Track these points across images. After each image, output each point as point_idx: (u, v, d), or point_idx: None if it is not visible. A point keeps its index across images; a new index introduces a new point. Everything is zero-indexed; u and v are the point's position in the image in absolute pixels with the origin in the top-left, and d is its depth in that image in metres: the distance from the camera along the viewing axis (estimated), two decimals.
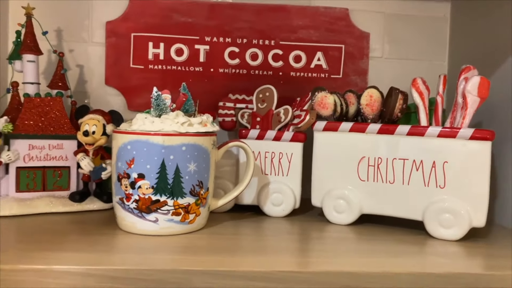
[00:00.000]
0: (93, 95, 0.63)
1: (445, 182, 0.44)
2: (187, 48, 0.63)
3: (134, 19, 0.62)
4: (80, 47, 0.62)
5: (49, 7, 0.60)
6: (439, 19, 0.66)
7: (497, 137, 0.53)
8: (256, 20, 0.63)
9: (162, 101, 0.42)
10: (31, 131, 0.49)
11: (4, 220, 0.45)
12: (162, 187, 0.40)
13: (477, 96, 0.45)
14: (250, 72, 0.64)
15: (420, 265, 0.36)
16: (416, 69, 0.65)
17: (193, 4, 0.63)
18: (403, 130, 0.46)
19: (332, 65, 0.64)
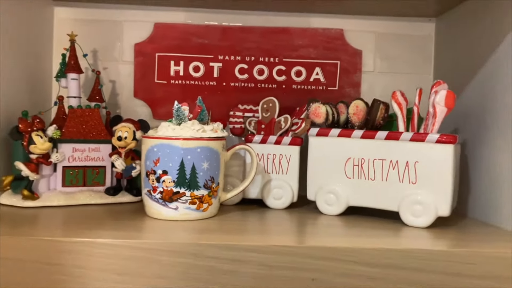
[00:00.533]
0: (123, 106, 0.73)
1: (416, 178, 0.53)
2: (203, 65, 0.73)
3: (158, 41, 0.72)
4: (113, 65, 0.73)
5: (87, 31, 0.71)
6: (424, 37, 0.74)
7: (471, 140, 0.61)
8: (262, 40, 0.73)
9: (182, 112, 0.52)
10: (75, 136, 0.60)
11: (53, 209, 0.56)
12: (181, 181, 0.50)
13: (444, 107, 0.53)
14: (257, 85, 0.74)
15: (391, 243, 0.44)
16: (404, 81, 0.74)
17: (208, 28, 0.73)
18: (382, 135, 0.54)
19: (329, 79, 0.73)
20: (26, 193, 0.56)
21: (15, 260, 0.42)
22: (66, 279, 0.42)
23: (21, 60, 0.63)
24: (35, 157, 0.56)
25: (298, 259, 0.42)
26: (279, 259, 0.42)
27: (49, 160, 0.57)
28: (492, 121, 0.57)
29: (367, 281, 0.42)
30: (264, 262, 0.42)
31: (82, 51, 0.64)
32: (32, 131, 0.55)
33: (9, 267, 0.42)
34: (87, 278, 0.42)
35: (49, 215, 0.53)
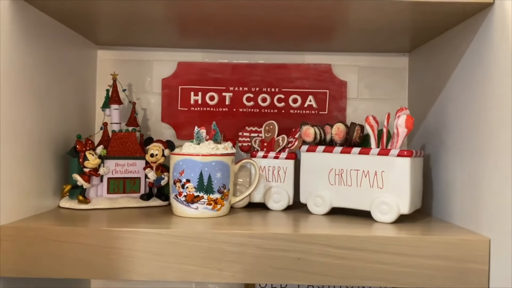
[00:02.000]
0: (153, 129, 0.90)
1: (383, 184, 0.67)
2: (217, 95, 0.89)
3: (181, 76, 0.89)
4: (144, 96, 0.90)
5: (124, 69, 0.89)
6: (399, 69, 0.90)
7: (433, 154, 0.76)
8: (265, 74, 0.89)
9: (200, 135, 0.68)
10: (117, 154, 0.76)
11: (100, 211, 0.72)
12: (200, 187, 0.66)
13: (404, 128, 0.68)
14: (261, 111, 0.89)
15: (361, 232, 0.59)
16: (383, 106, 0.89)
17: (221, 65, 0.90)
18: (356, 151, 0.69)
19: (320, 105, 0.89)
20: (81, 198, 0.72)
21: (79, 244, 0.58)
22: (118, 258, 0.58)
23: (72, 93, 0.79)
24: (87, 170, 0.73)
25: (287, 243, 0.57)
26: (273, 243, 0.57)
27: (98, 173, 0.74)
28: (447, 138, 0.71)
29: (337, 259, 0.57)
30: (262, 245, 0.57)
31: (121, 87, 0.81)
32: (86, 150, 0.72)
33: (74, 249, 0.57)
34: (133, 257, 0.58)
35: (98, 215, 0.69)
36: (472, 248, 0.56)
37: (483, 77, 0.60)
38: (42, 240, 0.57)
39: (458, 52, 0.68)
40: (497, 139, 0.56)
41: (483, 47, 0.60)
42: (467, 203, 0.63)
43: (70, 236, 0.58)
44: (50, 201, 0.72)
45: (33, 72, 0.64)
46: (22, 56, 0.61)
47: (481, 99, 0.60)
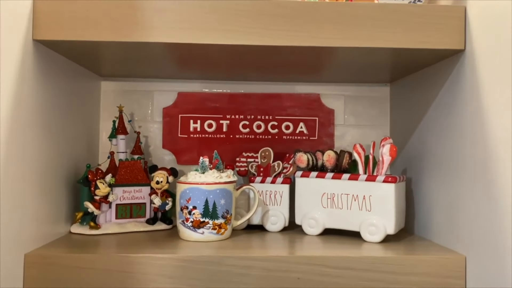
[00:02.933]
0: (154, 155, 0.96)
1: (371, 207, 0.75)
2: (215, 122, 0.96)
3: (181, 105, 0.95)
4: (146, 124, 0.96)
5: (127, 99, 0.95)
6: (382, 98, 0.98)
7: (414, 178, 0.84)
8: (260, 103, 0.96)
9: (205, 164, 0.75)
10: (124, 182, 0.82)
11: (110, 236, 0.77)
12: (206, 213, 0.72)
13: (389, 156, 0.76)
14: (256, 137, 0.96)
15: (350, 253, 0.66)
16: (367, 131, 0.97)
17: (219, 95, 0.96)
18: (346, 177, 0.77)
19: (310, 131, 0.96)
20: (92, 224, 0.77)
21: (98, 270, 0.63)
22: (134, 282, 0.63)
23: (78, 123, 0.84)
24: (98, 198, 0.78)
25: (288, 265, 0.64)
26: (275, 264, 0.64)
27: (107, 200, 0.79)
28: (427, 164, 0.79)
29: (333, 278, 0.64)
30: (265, 267, 0.64)
31: (127, 117, 0.86)
32: (97, 180, 0.77)
33: (94, 275, 0.63)
34: (146, 280, 0.63)
35: (110, 240, 0.74)
36: (450, 265, 0.64)
37: (457, 112, 0.68)
38: (64, 267, 0.62)
39: (435, 88, 0.76)
40: (471, 166, 0.64)
41: (456, 86, 0.69)
42: (445, 223, 0.71)
43: (89, 262, 0.63)
44: (63, 227, 0.76)
45: (44, 105, 0.68)
46: (36, 91, 0.65)
47: (456, 130, 0.69)
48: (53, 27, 0.63)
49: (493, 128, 0.59)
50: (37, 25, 0.63)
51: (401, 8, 0.65)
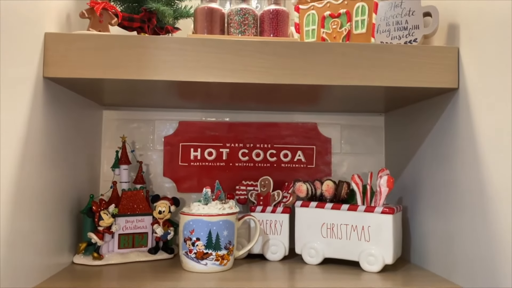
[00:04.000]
0: (155, 183, 0.97)
1: (369, 238, 0.77)
2: (215, 151, 0.98)
3: (182, 134, 0.97)
4: (147, 153, 0.97)
5: (128, 128, 0.96)
6: (377, 127, 1.01)
7: (409, 206, 0.86)
8: (258, 132, 0.99)
9: (208, 196, 0.76)
10: (127, 212, 0.83)
11: (113, 267, 0.78)
12: (209, 245, 0.73)
13: (386, 187, 0.78)
14: (255, 165, 0.98)
15: (353, 284, 0.68)
16: (363, 159, 1.00)
17: (219, 124, 0.98)
18: (345, 207, 0.79)
19: (308, 159, 0.99)
20: (96, 255, 0.78)
21: None
22: None
23: (80, 152, 0.85)
24: (102, 229, 0.79)
25: None
26: None
27: (111, 230, 0.80)
28: (422, 193, 0.82)
29: None
30: None
31: (130, 148, 0.88)
32: (101, 210, 0.78)
33: None
34: None
35: (114, 271, 0.75)
36: None
37: (452, 145, 0.71)
38: None
39: (429, 121, 0.79)
40: (467, 197, 0.67)
41: (450, 121, 0.72)
42: (442, 253, 0.74)
43: None
44: (66, 258, 0.77)
45: (49, 136, 0.69)
46: (43, 124, 0.67)
47: (451, 162, 0.72)
48: (62, 65, 0.65)
49: (487, 162, 0.62)
50: (47, 63, 0.64)
51: (397, 48, 0.68)
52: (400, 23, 0.73)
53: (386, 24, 0.74)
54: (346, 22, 0.82)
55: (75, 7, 0.79)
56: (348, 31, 0.82)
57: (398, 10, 0.73)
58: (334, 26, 0.83)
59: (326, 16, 0.84)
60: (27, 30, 0.60)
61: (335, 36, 0.83)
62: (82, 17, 0.73)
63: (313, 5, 0.86)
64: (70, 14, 0.77)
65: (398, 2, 0.73)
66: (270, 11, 0.76)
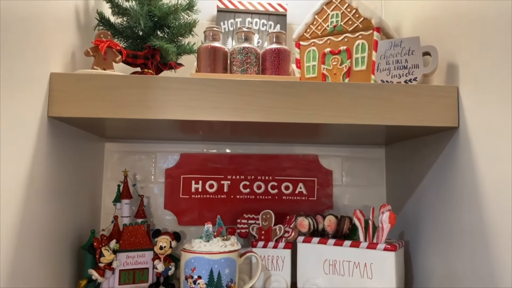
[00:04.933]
0: (155, 216, 0.97)
1: (372, 274, 0.76)
2: (216, 183, 0.98)
3: (183, 167, 0.98)
4: (149, 185, 0.97)
5: (129, 160, 0.96)
6: (377, 159, 1.02)
7: (412, 239, 0.86)
8: (259, 164, 0.99)
9: (210, 233, 0.76)
10: (128, 247, 0.82)
11: None
12: (211, 283, 0.73)
13: (388, 223, 0.78)
14: (257, 197, 0.98)
15: None
16: (364, 192, 1.00)
17: (220, 156, 0.99)
18: (347, 244, 0.79)
19: (309, 192, 0.99)
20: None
21: None
22: None
23: (81, 185, 0.85)
24: (102, 265, 0.78)
25: None
26: None
27: (111, 266, 0.79)
28: (424, 228, 0.82)
29: None
30: None
31: (132, 181, 0.88)
32: (102, 247, 0.78)
33: None
34: None
35: None
36: None
37: (453, 182, 0.72)
38: None
39: (430, 157, 0.80)
40: (469, 236, 0.67)
41: (451, 158, 0.73)
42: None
43: None
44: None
45: (52, 172, 0.69)
46: (46, 160, 0.67)
47: (452, 200, 0.72)
48: (67, 105, 0.65)
49: (487, 202, 0.62)
50: (52, 103, 0.65)
51: (397, 88, 0.69)
52: (400, 62, 0.74)
53: (386, 63, 0.75)
54: (347, 59, 0.84)
55: (80, 44, 0.80)
56: (349, 67, 0.83)
57: (398, 49, 0.75)
58: (334, 63, 0.85)
59: (327, 53, 0.86)
60: (33, 70, 0.61)
61: (336, 73, 0.85)
62: (87, 55, 0.74)
63: (313, 42, 0.88)
64: (75, 52, 0.78)
65: (398, 42, 0.75)
66: (272, 50, 0.78)
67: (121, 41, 0.83)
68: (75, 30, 0.78)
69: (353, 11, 0.83)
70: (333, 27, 0.85)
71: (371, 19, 0.81)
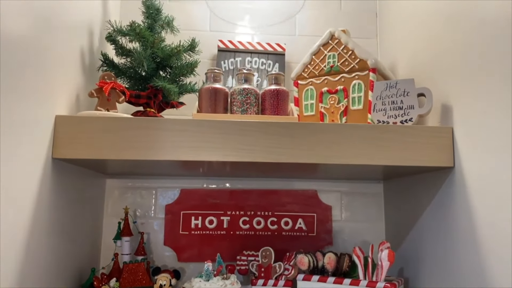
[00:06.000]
0: (155, 252, 0.97)
1: None
2: (216, 219, 0.98)
3: (183, 202, 0.98)
4: (149, 221, 0.98)
5: (130, 195, 0.97)
6: (376, 194, 1.03)
7: (411, 276, 0.86)
8: (259, 199, 1.00)
9: (210, 272, 0.76)
10: (128, 285, 0.82)
11: None
12: None
13: (387, 261, 0.78)
14: (256, 233, 0.99)
15: None
16: (363, 227, 1.00)
17: (220, 191, 1.00)
18: (347, 282, 0.79)
19: (309, 227, 0.99)
20: None
21: None
22: None
23: (81, 222, 0.85)
24: None
25: None
26: None
27: None
28: (423, 266, 0.82)
29: None
30: None
31: (132, 219, 0.88)
32: (102, 286, 0.78)
33: None
34: None
35: None
36: None
37: (450, 219, 0.73)
38: None
39: (427, 194, 0.81)
40: (465, 274, 0.67)
41: (448, 197, 0.74)
42: None
43: None
44: None
45: (54, 210, 0.70)
46: (49, 200, 0.68)
47: (449, 237, 0.72)
48: (71, 147, 0.67)
49: (484, 242, 0.63)
50: (56, 145, 0.67)
51: (393, 128, 0.71)
52: (395, 103, 0.77)
53: (382, 103, 0.78)
54: (344, 98, 0.86)
55: (84, 83, 0.82)
56: (346, 106, 0.85)
57: (393, 90, 0.77)
58: (332, 102, 0.87)
59: (324, 92, 0.88)
60: (39, 112, 0.63)
61: (333, 111, 0.87)
62: (91, 96, 0.76)
63: (311, 81, 0.90)
64: (80, 92, 0.80)
65: (393, 83, 0.77)
66: (271, 91, 0.80)
67: (124, 81, 0.85)
68: (80, 71, 0.80)
69: (349, 52, 0.86)
70: (330, 67, 0.88)
71: (367, 61, 0.84)
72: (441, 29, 0.78)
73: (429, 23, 0.83)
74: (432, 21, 0.82)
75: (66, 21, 0.73)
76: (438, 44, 0.78)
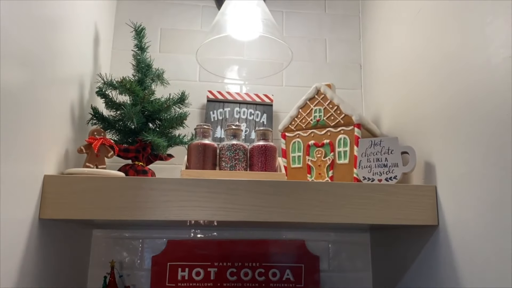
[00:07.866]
0: None
1: None
2: (203, 270, 0.97)
3: (170, 254, 0.97)
4: (134, 272, 0.96)
5: (116, 246, 0.96)
6: (363, 244, 1.03)
7: None
8: (247, 250, 1.00)
9: None
10: None
11: None
12: None
13: None
14: (244, 285, 0.98)
15: None
16: (351, 277, 1.00)
17: (207, 242, 0.99)
18: None
19: (296, 278, 0.99)
20: None
21: None
22: None
23: (66, 273, 0.82)
24: None
25: None
26: None
27: None
28: None
29: None
30: None
31: (118, 272, 0.87)
32: None
33: None
34: None
35: None
36: None
37: (435, 279, 0.73)
38: None
39: (413, 249, 0.82)
40: None
41: (432, 254, 0.75)
42: None
43: None
44: None
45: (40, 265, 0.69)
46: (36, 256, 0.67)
47: None
48: (59, 207, 0.66)
49: None
50: (44, 205, 0.66)
51: (378, 187, 0.73)
52: (380, 160, 0.79)
53: (367, 160, 0.80)
54: (330, 152, 0.88)
55: (73, 136, 0.82)
56: (332, 160, 0.87)
57: (378, 148, 0.79)
58: (318, 155, 0.89)
59: (311, 145, 0.90)
60: (27, 172, 0.63)
61: (320, 164, 0.88)
62: (80, 153, 0.76)
63: (298, 134, 0.92)
64: (69, 146, 0.81)
65: (378, 141, 0.79)
66: (259, 147, 0.82)
67: (114, 134, 0.86)
68: (69, 125, 0.80)
69: (334, 108, 0.89)
70: (316, 121, 0.90)
71: (352, 116, 0.86)
72: (423, 79, 0.80)
73: (411, 77, 0.86)
74: (413, 75, 0.85)
75: (58, 72, 0.73)
76: (419, 101, 0.81)
